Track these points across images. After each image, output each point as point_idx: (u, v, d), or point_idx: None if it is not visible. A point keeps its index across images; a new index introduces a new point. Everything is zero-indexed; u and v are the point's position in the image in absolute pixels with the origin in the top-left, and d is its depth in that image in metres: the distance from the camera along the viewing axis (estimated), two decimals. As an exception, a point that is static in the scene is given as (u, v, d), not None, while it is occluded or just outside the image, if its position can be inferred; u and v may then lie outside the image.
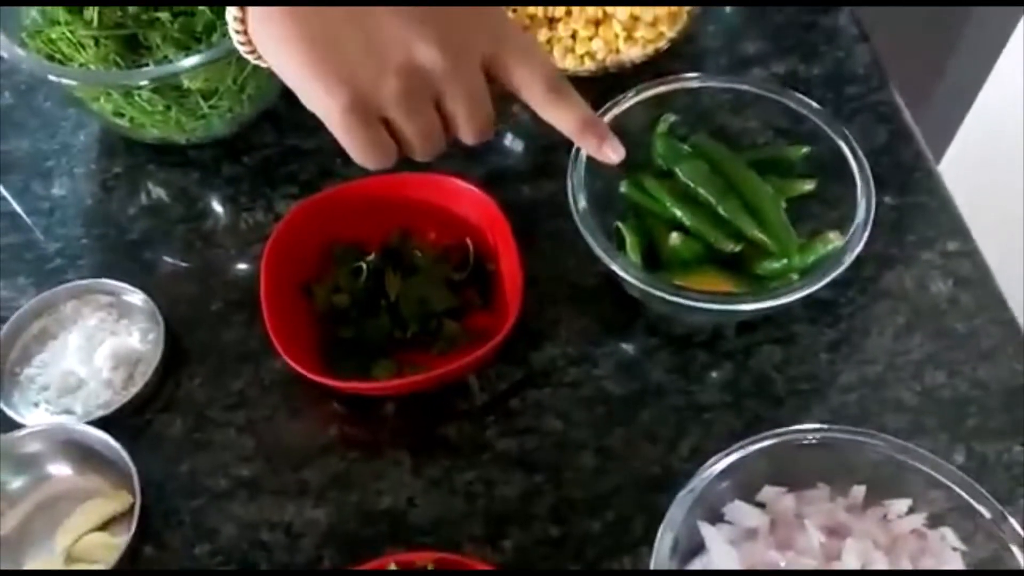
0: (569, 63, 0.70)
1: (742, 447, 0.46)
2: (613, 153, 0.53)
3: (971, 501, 0.45)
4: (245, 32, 0.46)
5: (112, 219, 0.67)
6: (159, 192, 0.68)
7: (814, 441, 0.47)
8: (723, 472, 0.46)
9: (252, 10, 0.45)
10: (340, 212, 0.61)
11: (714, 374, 0.58)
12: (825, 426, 0.47)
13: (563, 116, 0.50)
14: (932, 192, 0.65)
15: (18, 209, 0.68)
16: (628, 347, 0.60)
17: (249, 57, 0.48)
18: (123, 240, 0.66)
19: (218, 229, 0.66)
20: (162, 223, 0.67)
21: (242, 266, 0.64)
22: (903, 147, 0.67)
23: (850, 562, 0.43)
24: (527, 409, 0.57)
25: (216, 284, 0.64)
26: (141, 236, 0.66)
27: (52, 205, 0.68)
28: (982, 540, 0.46)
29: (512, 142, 0.70)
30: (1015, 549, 0.44)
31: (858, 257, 0.59)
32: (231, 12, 0.46)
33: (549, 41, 0.70)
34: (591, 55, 0.69)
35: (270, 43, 0.46)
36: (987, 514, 0.45)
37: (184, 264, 0.65)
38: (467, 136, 0.49)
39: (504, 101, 0.50)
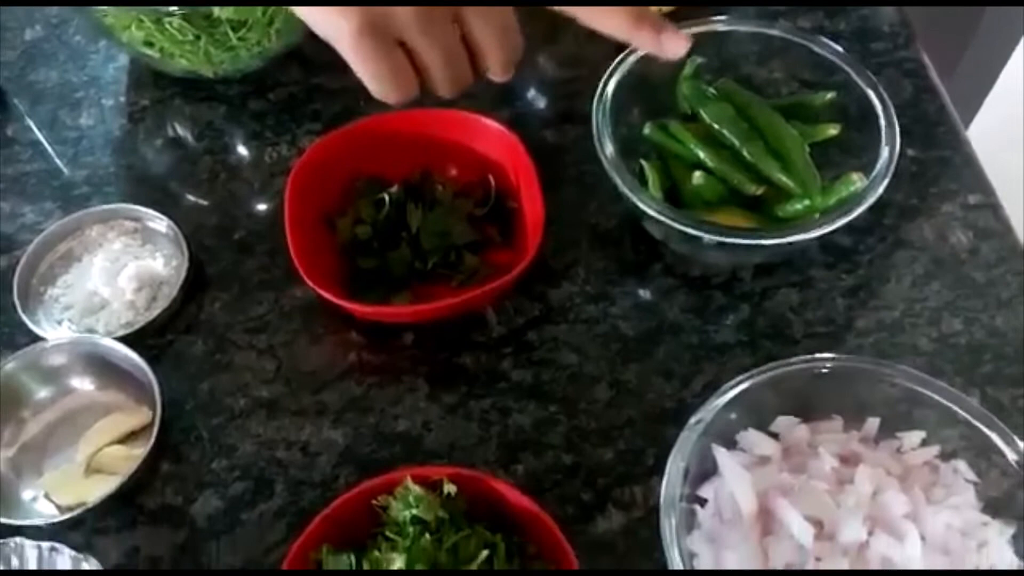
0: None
1: (753, 376, 0.47)
2: (675, 44, 0.47)
3: (988, 433, 0.45)
4: None
5: (139, 150, 0.68)
6: (186, 125, 0.69)
7: (826, 371, 0.47)
8: (734, 400, 0.46)
9: None
10: (363, 146, 0.62)
11: (730, 315, 0.58)
12: (837, 356, 0.47)
13: (611, 16, 0.46)
14: (955, 147, 0.65)
15: (47, 139, 0.69)
16: (645, 287, 0.60)
17: None
18: (149, 171, 0.67)
19: (243, 162, 0.67)
20: (188, 155, 0.67)
21: (266, 199, 0.65)
22: (928, 102, 0.67)
23: (863, 486, 0.43)
24: (543, 343, 0.58)
25: (240, 215, 0.64)
26: (167, 167, 0.67)
27: (80, 135, 0.69)
28: (996, 476, 0.46)
29: (535, 93, 0.70)
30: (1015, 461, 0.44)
31: (879, 206, 0.59)
32: None
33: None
34: (618, 2, 0.70)
35: None
36: (1003, 447, 0.45)
37: (209, 195, 0.65)
38: (495, 65, 0.46)
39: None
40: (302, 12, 0.44)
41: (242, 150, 0.68)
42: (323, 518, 0.46)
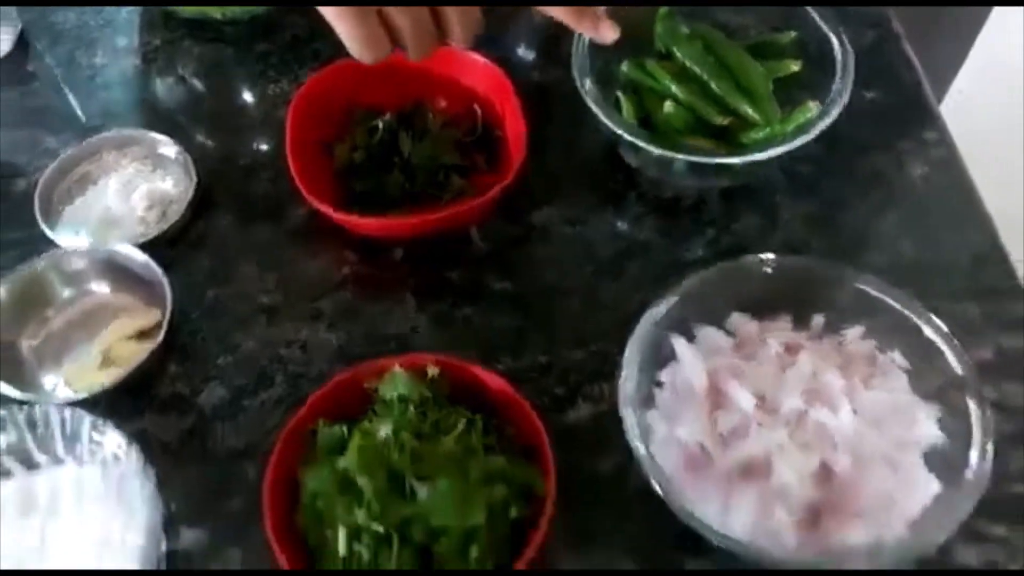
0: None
1: (707, 272, 0.51)
2: (608, 33, 0.58)
3: (924, 329, 0.49)
4: None
5: (150, 87, 0.73)
6: (194, 64, 0.74)
7: (773, 271, 0.51)
8: (690, 296, 0.51)
9: None
10: (358, 80, 0.66)
11: (697, 236, 0.63)
12: (784, 256, 0.52)
13: (558, 9, 0.55)
14: (913, 88, 0.69)
15: (64, 75, 0.74)
16: (620, 211, 0.65)
17: None
18: (160, 105, 0.72)
19: (248, 98, 0.72)
20: (196, 91, 0.72)
21: (269, 130, 0.69)
22: (889, 48, 0.72)
23: (804, 367, 0.48)
24: (523, 260, 0.63)
25: (244, 144, 0.69)
26: (176, 102, 0.72)
27: (94, 72, 0.74)
28: (930, 371, 0.50)
29: (522, 37, 0.75)
30: (953, 361, 0.48)
31: (840, 141, 0.64)
32: None
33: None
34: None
35: None
36: (941, 345, 0.49)
37: (215, 126, 0.70)
38: (457, 36, 0.52)
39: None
40: None
41: (247, 86, 0.72)
42: (318, 396, 0.51)
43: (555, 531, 0.50)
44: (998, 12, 1.05)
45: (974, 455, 0.46)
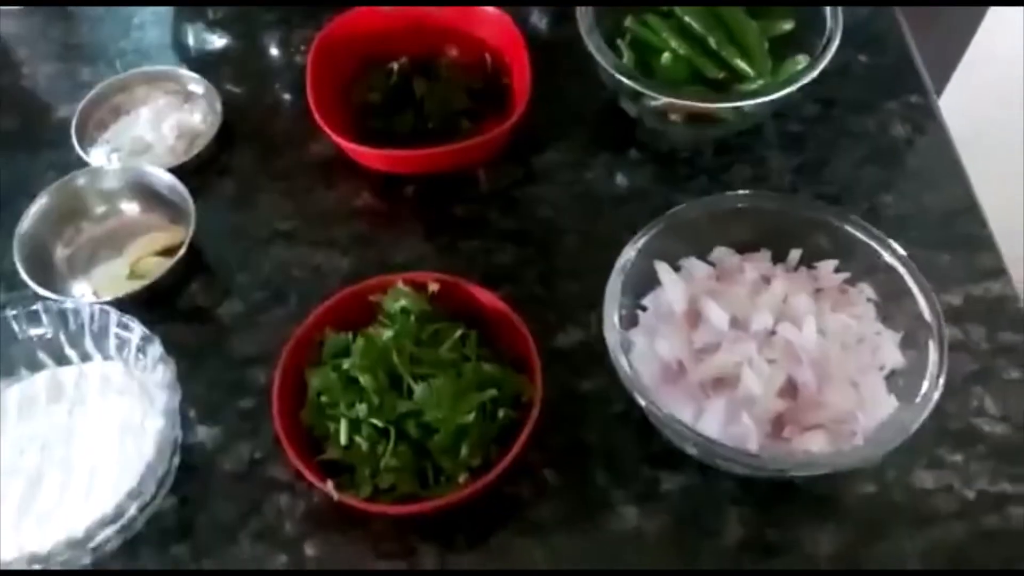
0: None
1: (690, 202, 0.55)
2: None
3: (890, 261, 0.53)
4: None
5: (182, 29, 0.77)
6: (223, 11, 0.78)
7: (751, 206, 0.55)
8: (674, 224, 0.55)
9: None
10: (375, 27, 0.70)
11: (691, 183, 0.67)
12: (766, 192, 0.56)
13: None
14: (901, 54, 0.73)
15: (103, 14, 0.78)
16: (619, 158, 0.68)
17: None
18: (190, 47, 0.77)
19: (273, 42, 0.76)
20: (225, 35, 0.77)
21: (292, 72, 0.74)
22: (879, 17, 0.75)
23: (776, 290, 0.52)
24: (525, 199, 0.67)
25: (268, 86, 0.73)
26: (207, 45, 0.76)
27: (130, 14, 0.78)
28: (895, 306, 0.54)
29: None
30: (921, 300, 0.52)
31: (830, 101, 0.68)
32: None
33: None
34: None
35: None
36: (904, 275, 0.53)
37: (241, 67, 0.74)
38: None
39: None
40: None
41: (272, 33, 0.77)
42: (326, 307, 0.56)
43: (540, 447, 0.54)
44: (995, 10, 1.07)
45: (926, 384, 0.49)
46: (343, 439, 0.51)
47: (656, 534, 0.53)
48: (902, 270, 0.52)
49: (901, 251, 0.53)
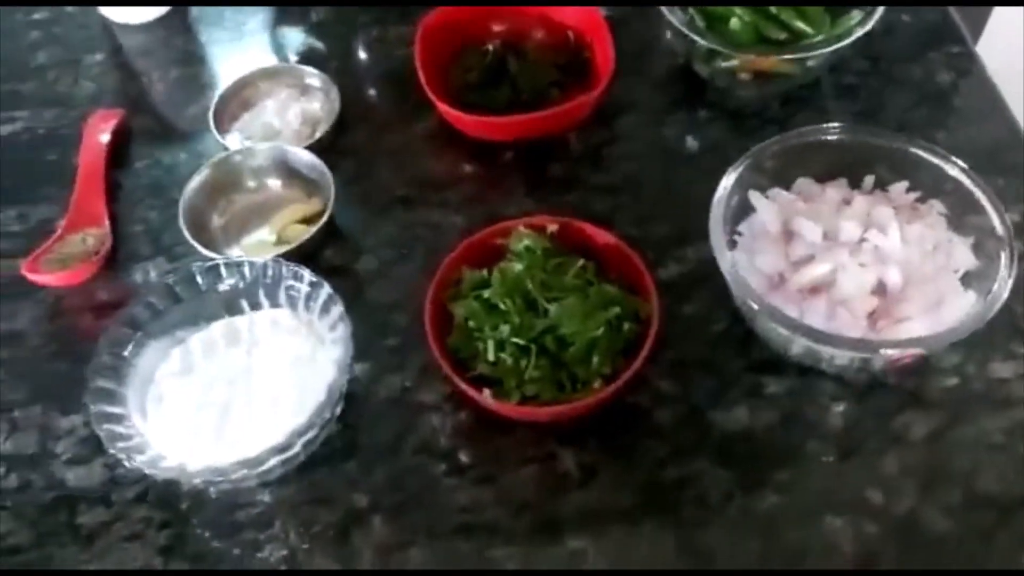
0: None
1: (771, 139, 0.63)
2: None
3: (959, 177, 0.60)
4: None
5: (290, 33, 0.87)
6: (324, 11, 0.87)
7: (828, 138, 0.63)
8: (759, 159, 0.62)
9: None
10: (471, 16, 0.79)
11: (761, 133, 0.74)
12: (842, 125, 0.63)
13: None
14: (940, 9, 0.81)
15: (218, 20, 0.87)
16: (693, 116, 0.77)
17: None
18: (297, 46, 0.86)
19: (371, 39, 0.85)
20: (333, 31, 0.86)
21: (396, 62, 0.82)
22: (920, -21, 0.83)
23: (859, 205, 0.59)
24: (612, 157, 0.75)
25: (371, 75, 0.82)
26: (312, 43, 0.85)
27: (243, 20, 0.87)
28: (965, 218, 0.61)
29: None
30: (992, 213, 0.59)
31: (880, 56, 0.76)
32: None
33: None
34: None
35: None
36: (972, 188, 0.60)
37: (349, 61, 0.83)
38: None
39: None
40: None
41: (370, 31, 0.86)
42: (460, 250, 0.64)
43: (655, 362, 0.62)
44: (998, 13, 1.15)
45: (997, 284, 0.56)
46: (491, 356, 0.59)
47: (764, 429, 0.61)
48: (967, 182, 0.60)
49: (964, 165, 0.60)
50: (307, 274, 0.61)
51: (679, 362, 0.64)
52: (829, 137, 0.63)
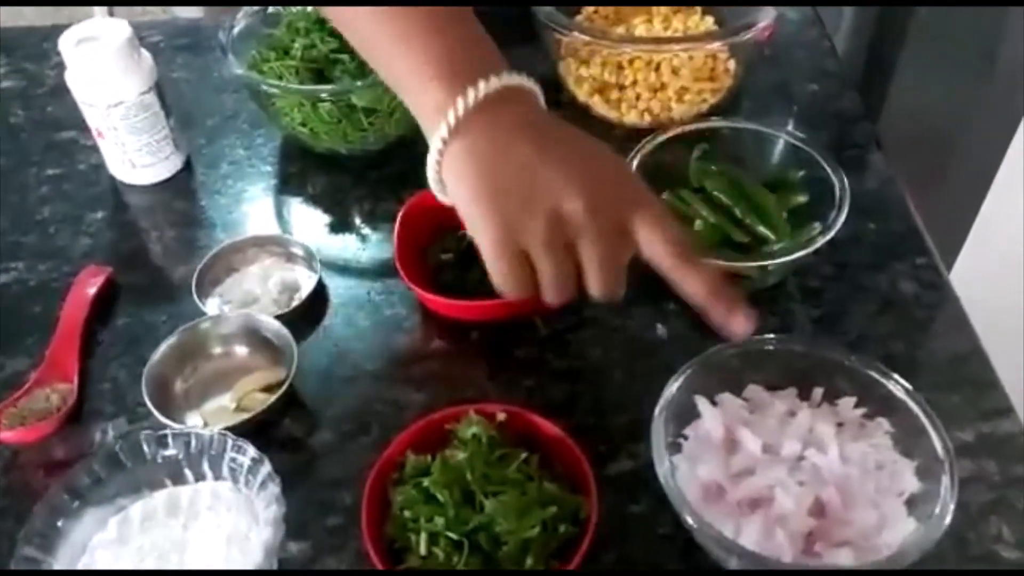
0: (633, 117, 0.93)
1: (722, 346, 0.64)
2: (740, 325, 0.54)
3: (905, 400, 0.60)
4: (439, 171, 0.58)
5: (286, 202, 0.91)
6: (321, 185, 0.92)
7: (780, 348, 0.64)
8: (709, 363, 0.63)
9: (450, 150, 0.55)
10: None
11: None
12: (793, 338, 0.64)
13: (691, 282, 0.55)
14: (907, 222, 0.84)
15: (219, 189, 0.93)
16: (656, 310, 0.78)
17: (435, 187, 0.60)
18: (292, 214, 0.90)
19: (361, 212, 0.89)
20: (322, 206, 0.90)
21: (378, 237, 0.86)
22: (888, 189, 0.86)
23: (802, 421, 0.59)
24: (577, 342, 0.76)
25: (358, 248, 0.86)
26: (306, 213, 0.90)
27: (243, 188, 0.93)
28: (912, 441, 0.61)
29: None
30: (933, 435, 0.59)
31: (845, 264, 0.78)
32: (433, 154, 0.56)
33: (619, 100, 0.93)
34: (650, 111, 0.92)
35: (452, 177, 0.57)
36: (917, 413, 0.60)
37: (335, 232, 0.87)
38: (594, 286, 0.56)
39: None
40: (462, 213, 0.56)
41: (361, 204, 0.90)
42: (410, 432, 0.64)
43: (594, 561, 0.60)
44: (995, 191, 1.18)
45: (939, 508, 0.55)
46: (423, 550, 0.58)
47: (702, 646, 0.58)
48: (911, 404, 0.60)
49: (908, 387, 0.61)
50: (251, 449, 0.62)
51: (620, 563, 0.62)
52: (782, 347, 0.64)
